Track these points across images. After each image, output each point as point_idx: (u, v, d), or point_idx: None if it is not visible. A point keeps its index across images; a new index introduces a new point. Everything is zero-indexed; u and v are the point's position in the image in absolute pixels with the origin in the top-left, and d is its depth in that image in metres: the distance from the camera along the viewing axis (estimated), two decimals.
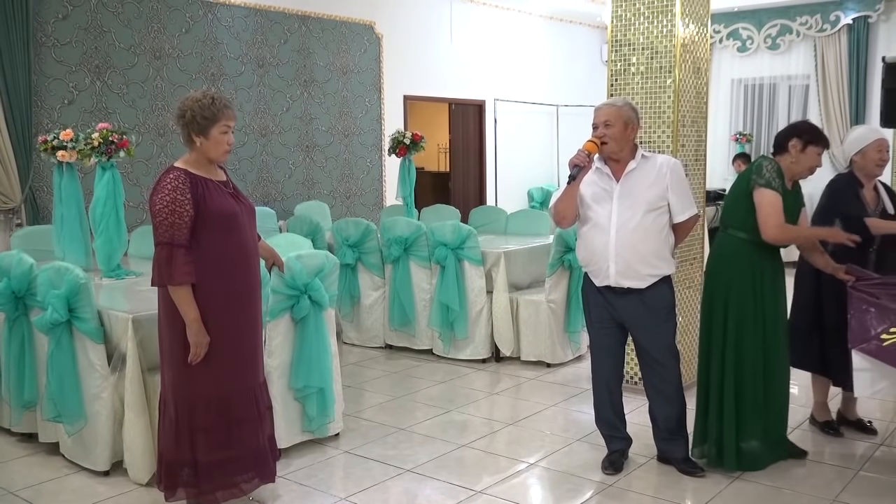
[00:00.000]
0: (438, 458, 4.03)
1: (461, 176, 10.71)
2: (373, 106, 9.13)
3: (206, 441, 3.16)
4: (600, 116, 3.63)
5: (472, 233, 5.72)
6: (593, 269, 3.67)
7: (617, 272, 3.58)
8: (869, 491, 3.60)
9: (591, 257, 3.66)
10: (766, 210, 3.57)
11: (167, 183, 3.04)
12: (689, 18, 4.74)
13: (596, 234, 3.62)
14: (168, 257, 3.01)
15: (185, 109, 3.11)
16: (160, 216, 3.01)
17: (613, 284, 3.61)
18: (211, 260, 3.09)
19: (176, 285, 3.02)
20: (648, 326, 3.65)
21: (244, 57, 7.85)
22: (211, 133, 3.11)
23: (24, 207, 6.37)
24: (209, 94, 3.14)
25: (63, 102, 6.61)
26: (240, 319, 3.20)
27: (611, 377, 3.81)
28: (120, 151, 4.62)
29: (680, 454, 3.79)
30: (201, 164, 3.16)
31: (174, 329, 3.10)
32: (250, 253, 3.25)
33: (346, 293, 6.23)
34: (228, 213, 3.14)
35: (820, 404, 4.26)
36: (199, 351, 3.07)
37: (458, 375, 5.54)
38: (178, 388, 3.16)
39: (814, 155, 3.66)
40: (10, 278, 4.08)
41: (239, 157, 7.85)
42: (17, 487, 3.74)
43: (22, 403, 4.08)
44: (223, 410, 3.17)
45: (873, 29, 10.14)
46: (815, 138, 3.67)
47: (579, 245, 3.76)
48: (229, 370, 3.18)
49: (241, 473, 3.26)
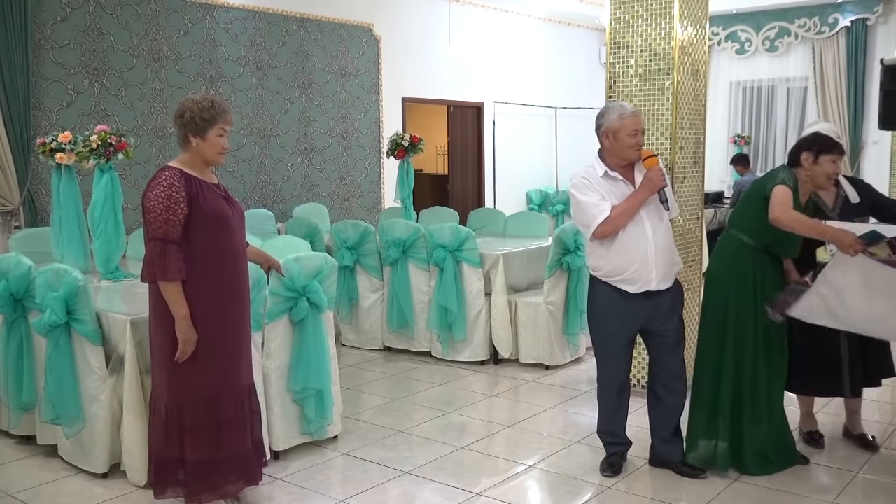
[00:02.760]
0: (437, 461, 4.03)
1: (460, 178, 10.71)
2: (371, 108, 9.13)
3: (195, 441, 3.19)
4: (641, 123, 3.56)
5: (471, 235, 5.72)
6: (631, 277, 3.55)
7: (658, 276, 3.55)
8: (868, 493, 3.60)
9: (630, 266, 3.54)
10: (776, 197, 3.53)
11: (163, 180, 3.08)
12: (688, 21, 4.75)
13: (635, 242, 3.53)
14: (161, 253, 3.03)
15: (185, 110, 3.15)
16: (154, 212, 3.04)
17: (654, 289, 3.57)
18: (200, 259, 3.12)
19: (169, 281, 3.04)
20: (671, 320, 3.67)
21: (243, 59, 7.85)
22: (208, 135, 3.16)
23: (22, 210, 6.37)
24: (209, 98, 3.19)
25: (61, 105, 6.61)
26: (226, 319, 3.23)
27: (623, 387, 3.78)
28: (118, 154, 4.62)
29: (678, 456, 3.79)
30: (196, 165, 3.20)
31: (163, 327, 3.13)
32: (239, 256, 3.28)
33: (345, 295, 6.23)
34: (220, 215, 3.17)
35: (805, 414, 4.23)
36: (187, 348, 3.10)
37: (456, 377, 5.54)
38: (167, 386, 3.19)
39: (828, 164, 3.64)
40: (9, 280, 4.08)
41: (238, 159, 7.85)
42: (15, 489, 3.74)
43: (20, 405, 4.08)
44: (211, 410, 3.20)
45: (871, 31, 10.17)
46: (825, 147, 3.65)
47: (607, 256, 3.58)
48: (216, 369, 3.21)
49: (228, 475, 3.28)
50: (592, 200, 3.53)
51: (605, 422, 3.83)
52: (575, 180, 3.62)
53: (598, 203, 3.52)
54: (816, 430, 4.15)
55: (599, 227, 3.50)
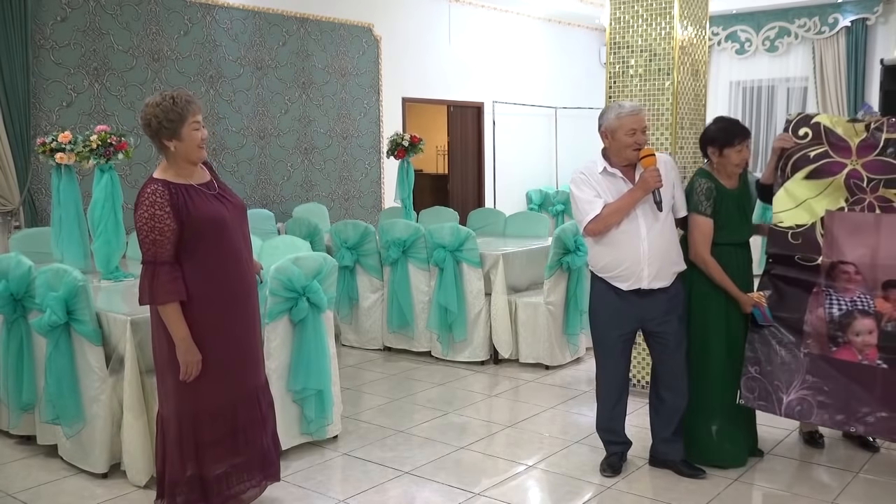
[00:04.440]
0: (437, 461, 4.03)
1: (460, 178, 10.71)
2: (371, 108, 9.13)
3: (214, 454, 3.06)
4: (640, 122, 3.55)
5: (471, 235, 5.72)
6: (622, 275, 3.58)
7: (650, 275, 3.56)
8: (867, 493, 3.60)
9: (620, 263, 3.56)
10: (693, 235, 3.73)
11: (145, 198, 2.91)
12: (688, 21, 4.75)
13: (627, 240, 3.54)
14: (151, 276, 2.90)
15: (149, 118, 2.94)
16: (142, 233, 2.90)
17: (646, 287, 3.58)
18: (204, 269, 2.98)
19: (160, 304, 2.92)
20: (671, 321, 3.66)
21: (242, 59, 7.85)
22: (182, 133, 2.95)
23: (22, 210, 6.37)
24: (167, 95, 2.96)
25: (61, 105, 6.61)
26: (238, 326, 3.11)
27: (623, 385, 3.79)
28: (118, 154, 4.62)
29: (679, 455, 3.80)
30: (181, 169, 3.01)
31: (171, 345, 2.98)
32: (243, 255, 3.14)
33: (345, 295, 6.23)
34: (215, 219, 3.00)
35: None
36: (190, 370, 2.96)
37: (456, 377, 5.54)
38: (180, 404, 3.03)
39: (733, 155, 3.70)
40: (9, 280, 4.08)
41: (237, 159, 7.85)
42: (15, 489, 3.74)
43: (20, 405, 4.08)
44: (228, 420, 3.09)
45: (871, 31, 10.16)
46: (727, 141, 3.70)
47: (601, 252, 3.63)
48: (232, 378, 3.09)
49: (249, 480, 3.18)
50: (586, 197, 3.56)
51: (604, 419, 3.84)
52: (574, 175, 3.65)
53: (592, 200, 3.54)
54: (816, 431, 4.15)
55: (589, 225, 3.55)
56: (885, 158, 3.55)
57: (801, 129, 3.74)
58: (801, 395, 3.61)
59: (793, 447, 4.10)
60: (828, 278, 3.61)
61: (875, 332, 3.50)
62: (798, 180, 3.70)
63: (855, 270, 3.58)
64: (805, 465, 3.91)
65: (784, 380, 3.64)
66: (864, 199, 3.59)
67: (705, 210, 3.68)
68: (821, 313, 3.59)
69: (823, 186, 3.65)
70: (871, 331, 3.51)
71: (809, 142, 3.70)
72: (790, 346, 3.64)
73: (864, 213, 3.58)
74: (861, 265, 3.56)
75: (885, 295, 3.51)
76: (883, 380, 3.48)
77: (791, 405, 3.62)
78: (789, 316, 3.66)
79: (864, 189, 3.58)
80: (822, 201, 3.65)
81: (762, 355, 3.70)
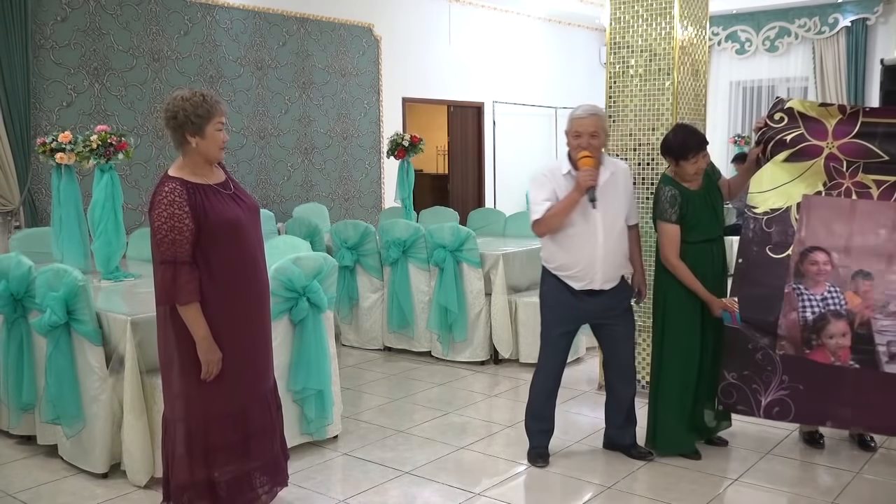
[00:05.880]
0: (437, 461, 4.03)
1: (460, 178, 10.72)
2: (371, 108, 9.13)
3: (225, 459, 3.03)
4: (587, 126, 3.64)
5: (471, 235, 5.72)
6: (577, 276, 3.70)
7: (602, 278, 3.69)
8: (867, 493, 3.61)
9: (575, 264, 3.68)
10: (661, 241, 3.83)
11: (163, 197, 2.87)
12: (688, 21, 4.75)
13: (581, 242, 3.65)
14: (173, 276, 2.84)
15: (177, 110, 2.91)
16: (160, 233, 2.84)
17: (598, 288, 3.70)
18: (219, 271, 2.93)
19: (183, 304, 2.87)
20: (619, 316, 3.83)
21: (243, 59, 7.85)
22: (207, 131, 2.93)
23: (22, 210, 6.37)
24: (198, 92, 2.96)
25: (62, 105, 6.61)
26: (251, 327, 3.08)
27: (559, 376, 3.94)
28: (118, 154, 4.61)
29: (630, 440, 3.96)
30: (198, 168, 2.98)
31: (182, 348, 2.94)
32: (257, 257, 3.10)
33: (345, 295, 6.23)
34: (231, 220, 2.97)
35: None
36: (212, 368, 2.92)
37: (456, 377, 5.54)
38: (187, 407, 2.98)
39: (688, 166, 3.76)
40: (9, 280, 4.08)
41: (238, 159, 7.85)
42: (15, 489, 3.73)
43: (21, 405, 4.08)
44: (240, 425, 3.05)
45: (872, 31, 10.17)
46: (681, 155, 3.75)
47: (557, 252, 3.72)
48: (245, 382, 3.06)
49: (261, 486, 3.16)
50: (536, 199, 3.67)
51: (538, 407, 3.95)
52: (536, 173, 3.75)
53: (540, 202, 3.65)
54: (816, 431, 4.15)
55: (533, 227, 3.69)
56: (861, 141, 3.60)
57: (776, 114, 3.80)
58: (780, 396, 3.67)
59: (793, 447, 4.10)
60: (797, 275, 3.65)
61: (849, 335, 3.58)
62: (777, 163, 3.75)
63: (825, 260, 3.63)
64: (805, 465, 3.91)
65: (762, 381, 3.70)
66: (841, 183, 3.64)
67: (671, 217, 3.76)
68: (794, 317, 3.63)
69: (802, 169, 3.70)
70: (845, 333, 3.58)
71: (785, 125, 3.75)
72: (765, 349, 3.68)
73: (840, 199, 3.63)
74: (833, 252, 3.61)
75: (855, 287, 3.57)
76: (855, 379, 3.57)
77: (770, 407, 3.70)
78: (762, 318, 3.69)
79: (844, 174, 3.64)
80: (800, 185, 3.70)
81: (739, 360, 3.74)
